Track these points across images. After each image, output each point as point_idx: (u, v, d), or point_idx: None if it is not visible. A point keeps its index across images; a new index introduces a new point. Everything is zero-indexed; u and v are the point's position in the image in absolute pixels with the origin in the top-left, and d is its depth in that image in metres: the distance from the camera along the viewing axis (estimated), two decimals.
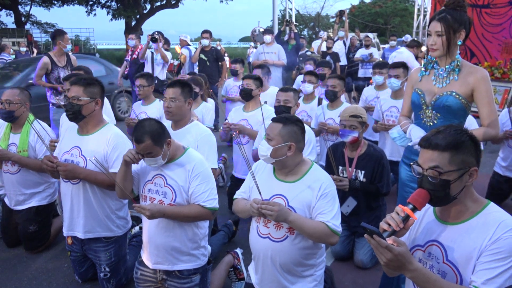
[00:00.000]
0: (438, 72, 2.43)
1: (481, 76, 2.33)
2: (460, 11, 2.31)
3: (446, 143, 1.54)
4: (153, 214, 2.32)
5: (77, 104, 2.75)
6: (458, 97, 2.35)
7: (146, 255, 2.59)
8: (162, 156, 2.37)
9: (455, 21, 2.29)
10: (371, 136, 4.80)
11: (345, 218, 3.40)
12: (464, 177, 1.55)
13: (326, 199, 2.21)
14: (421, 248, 1.72)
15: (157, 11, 21.37)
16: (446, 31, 2.30)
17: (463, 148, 1.55)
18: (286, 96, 3.61)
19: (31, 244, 3.54)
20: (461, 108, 2.38)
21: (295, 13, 15.11)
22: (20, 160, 3.38)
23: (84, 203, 2.82)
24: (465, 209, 1.61)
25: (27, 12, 22.09)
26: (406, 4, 31.77)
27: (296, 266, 2.27)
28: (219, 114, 6.92)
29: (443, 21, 2.30)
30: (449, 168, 1.53)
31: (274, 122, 2.32)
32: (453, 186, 1.55)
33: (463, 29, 2.31)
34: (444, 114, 2.41)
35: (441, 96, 2.39)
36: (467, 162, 1.55)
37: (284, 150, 2.24)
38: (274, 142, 2.24)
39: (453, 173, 1.54)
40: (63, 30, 5.71)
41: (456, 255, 1.58)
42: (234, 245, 3.49)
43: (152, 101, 4.47)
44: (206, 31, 7.54)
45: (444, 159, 1.54)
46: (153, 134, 2.33)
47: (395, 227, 1.51)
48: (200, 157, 2.57)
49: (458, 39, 2.32)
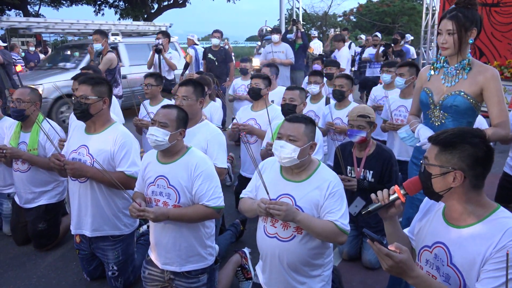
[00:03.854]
0: (447, 71, 2.40)
1: (491, 75, 2.29)
2: (472, 9, 2.27)
3: (440, 139, 1.59)
4: (157, 217, 2.31)
5: (85, 103, 2.77)
6: (466, 96, 2.32)
7: (154, 255, 2.59)
8: (169, 138, 2.39)
9: (467, 20, 2.25)
10: (379, 135, 4.78)
11: (353, 218, 3.38)
12: (447, 176, 1.56)
13: (334, 198, 2.20)
14: (429, 249, 1.71)
15: (165, 11, 21.45)
16: (458, 29, 2.26)
17: (452, 148, 1.55)
18: (292, 94, 3.61)
19: (40, 242, 3.57)
20: (470, 108, 2.34)
21: (302, 12, 15.05)
22: (30, 159, 3.41)
23: (92, 202, 2.84)
24: (469, 213, 1.59)
25: (36, 12, 22.24)
26: (414, 3, 31.52)
27: (303, 266, 2.26)
28: (227, 114, 6.93)
29: (455, 19, 2.26)
30: (433, 162, 1.59)
31: (294, 123, 2.26)
32: (434, 181, 1.59)
33: (474, 28, 2.27)
34: (452, 114, 2.38)
35: (449, 96, 2.36)
36: (452, 163, 1.55)
37: (307, 150, 2.25)
38: (301, 142, 2.21)
39: (435, 168, 1.58)
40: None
41: (460, 259, 1.57)
42: (242, 245, 3.49)
43: (160, 101, 4.45)
44: (217, 30, 7.52)
45: (433, 153, 1.60)
46: (180, 113, 2.50)
47: (381, 201, 1.72)
48: (203, 156, 2.54)
49: (469, 37, 2.29)
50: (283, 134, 2.26)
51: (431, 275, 1.69)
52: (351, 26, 32.88)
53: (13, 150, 3.38)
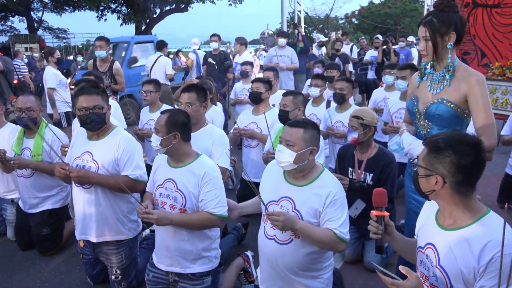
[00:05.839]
0: (433, 77, 2.29)
1: (475, 80, 2.13)
2: (449, 12, 2.15)
3: (429, 141, 1.64)
4: (160, 220, 2.33)
5: (102, 112, 2.79)
6: (449, 104, 2.20)
7: (159, 257, 2.61)
8: (161, 143, 2.44)
9: (442, 24, 2.14)
10: (381, 137, 4.79)
11: (353, 221, 3.39)
12: (430, 179, 1.61)
13: (335, 206, 2.19)
14: (422, 250, 1.74)
15: (167, 15, 21.53)
16: (432, 36, 2.16)
17: (437, 153, 1.58)
18: (284, 100, 3.62)
19: (44, 246, 3.59)
20: (455, 116, 2.21)
21: (304, 15, 15.06)
22: (37, 167, 3.45)
23: (96, 207, 2.85)
24: (457, 216, 1.61)
25: (39, 18, 22.41)
26: (416, 4, 31.51)
27: (301, 269, 2.26)
28: (228, 117, 6.95)
29: (428, 25, 2.17)
30: (421, 163, 1.65)
31: (293, 127, 2.26)
32: (420, 181, 1.67)
33: (452, 32, 2.14)
34: (436, 123, 2.27)
35: (432, 104, 2.25)
36: (434, 167, 1.59)
37: (306, 155, 2.22)
38: (297, 147, 2.20)
39: (421, 169, 1.65)
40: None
41: (447, 262, 1.60)
42: (245, 248, 3.50)
43: (159, 107, 4.48)
44: (215, 34, 7.58)
45: (422, 154, 1.66)
46: (172, 117, 2.50)
47: (378, 232, 1.79)
48: (212, 164, 2.57)
49: (447, 42, 2.16)
50: (282, 138, 2.28)
51: (424, 276, 1.71)
52: (353, 29, 32.88)
53: (20, 161, 3.41)
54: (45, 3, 21.35)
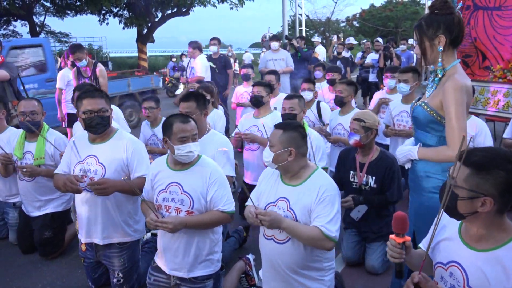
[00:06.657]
0: (430, 81, 2.28)
1: (450, 85, 2.05)
2: (438, 15, 2.09)
3: (472, 161, 1.49)
4: (175, 226, 2.34)
5: (107, 115, 2.80)
6: (426, 108, 2.15)
7: (162, 261, 2.61)
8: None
9: (430, 27, 2.10)
10: (382, 140, 4.79)
11: (355, 224, 3.40)
12: (475, 201, 1.48)
13: (324, 203, 2.22)
14: (443, 267, 1.67)
15: (168, 19, 21.58)
16: (420, 39, 2.14)
17: (485, 173, 1.46)
18: (291, 103, 3.64)
19: (45, 249, 3.60)
20: (432, 120, 2.15)
21: (305, 18, 15.11)
22: (48, 174, 3.44)
23: (102, 210, 2.84)
24: (489, 237, 1.54)
25: (41, 22, 22.47)
26: (417, 7, 31.55)
27: (301, 268, 2.29)
28: (229, 121, 6.96)
29: (417, 29, 2.15)
30: (462, 184, 1.50)
31: (275, 129, 2.36)
32: (460, 203, 1.51)
33: (441, 35, 2.08)
34: (417, 126, 2.25)
35: (415, 107, 2.24)
36: (483, 189, 1.46)
37: (285, 156, 2.28)
38: (275, 148, 2.29)
39: (463, 191, 1.50)
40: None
41: (478, 282, 1.52)
42: (246, 251, 3.50)
43: (160, 121, 4.41)
44: (214, 38, 7.58)
45: (463, 174, 1.50)
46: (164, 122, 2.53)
47: (400, 258, 1.67)
48: (214, 164, 2.60)
49: (437, 46, 2.10)
50: (269, 139, 2.39)
51: None
52: (354, 32, 32.93)
53: (33, 169, 3.43)
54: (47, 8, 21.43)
